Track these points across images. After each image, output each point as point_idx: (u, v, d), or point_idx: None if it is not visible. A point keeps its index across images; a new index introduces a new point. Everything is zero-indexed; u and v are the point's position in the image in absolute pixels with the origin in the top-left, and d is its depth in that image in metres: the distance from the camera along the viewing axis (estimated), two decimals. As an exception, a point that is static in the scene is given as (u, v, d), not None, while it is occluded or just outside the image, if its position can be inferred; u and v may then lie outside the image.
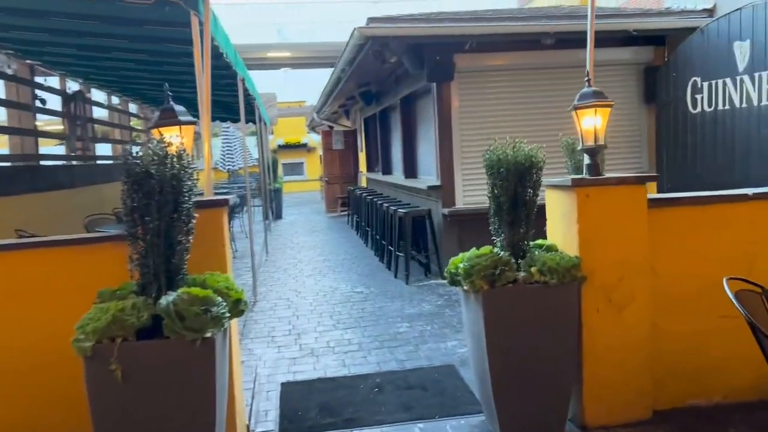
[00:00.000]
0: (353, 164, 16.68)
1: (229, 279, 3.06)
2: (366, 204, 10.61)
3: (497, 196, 3.46)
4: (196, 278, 2.95)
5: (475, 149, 7.44)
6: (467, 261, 3.40)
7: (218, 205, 3.24)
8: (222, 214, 3.27)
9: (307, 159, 31.03)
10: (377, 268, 8.51)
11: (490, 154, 3.49)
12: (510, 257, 3.37)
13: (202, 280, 2.95)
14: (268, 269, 9.01)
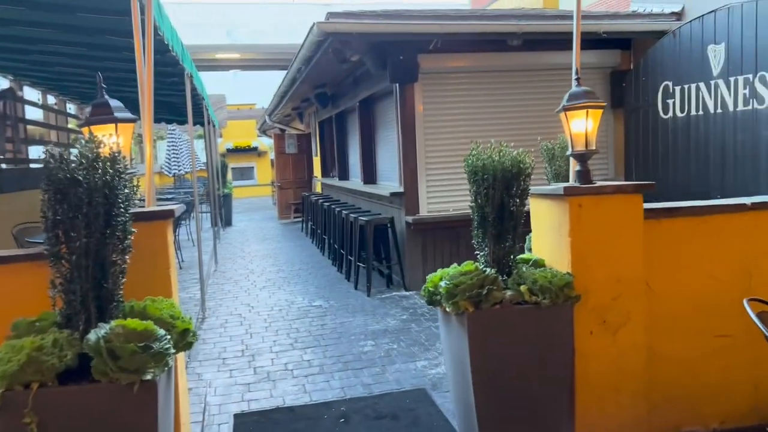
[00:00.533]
0: (307, 169, 16.17)
1: (174, 305, 2.59)
2: (323, 211, 10.15)
3: (481, 206, 3.10)
4: (134, 306, 2.47)
5: (439, 154, 7.12)
6: (450, 279, 3.02)
7: (161, 217, 2.75)
8: (166, 227, 2.79)
9: (258, 163, 30.26)
10: (336, 279, 8.07)
11: (473, 159, 3.13)
12: (497, 275, 3.00)
13: (142, 307, 2.47)
14: (217, 281, 8.44)
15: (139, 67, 3.31)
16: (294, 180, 16.04)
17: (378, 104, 8.83)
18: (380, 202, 8.13)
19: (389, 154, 8.42)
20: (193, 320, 5.26)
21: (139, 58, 3.31)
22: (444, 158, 7.12)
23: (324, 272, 8.63)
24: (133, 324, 2.23)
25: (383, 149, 8.82)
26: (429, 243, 7.10)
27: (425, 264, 7.11)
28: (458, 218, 7.07)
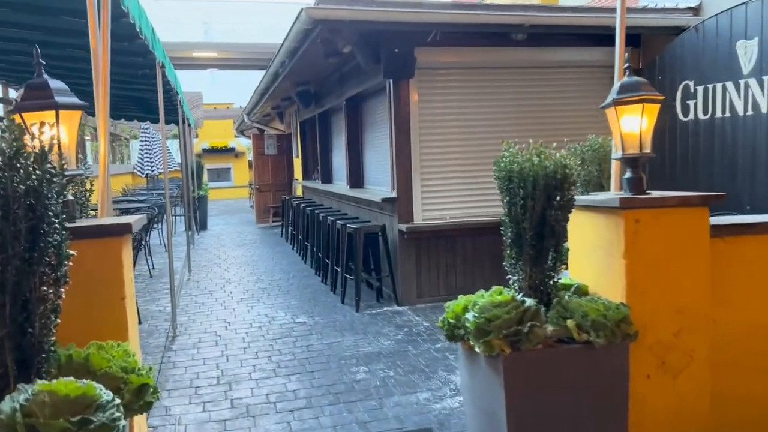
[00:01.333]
0: (287, 171, 15.49)
1: (129, 353, 1.95)
2: (305, 216, 9.50)
3: (517, 219, 2.52)
4: (73, 355, 1.84)
5: (436, 158, 6.54)
6: (480, 312, 2.43)
7: (115, 233, 2.12)
8: (121, 246, 2.15)
9: (235, 164, 29.42)
10: (320, 291, 7.43)
11: (506, 163, 2.54)
12: (538, 307, 2.42)
13: (84, 357, 1.83)
14: (190, 291, 7.74)
15: (93, 39, 2.66)
16: (273, 182, 15.34)
17: (367, 103, 8.23)
18: (369, 208, 7.53)
19: (379, 157, 7.83)
20: (163, 339, 4.57)
21: (92, 29, 2.66)
22: (441, 162, 6.55)
23: (307, 283, 7.98)
24: (66, 388, 1.59)
25: (372, 151, 8.22)
26: (423, 253, 6.52)
27: (419, 276, 6.52)
28: (455, 227, 6.50)
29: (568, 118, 6.80)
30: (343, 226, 6.80)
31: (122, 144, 24.78)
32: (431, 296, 6.56)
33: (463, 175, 6.62)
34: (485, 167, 6.73)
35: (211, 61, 26.48)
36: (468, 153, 6.62)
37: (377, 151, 7.90)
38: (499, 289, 2.64)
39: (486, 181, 6.65)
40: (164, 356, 5.11)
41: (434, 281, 6.57)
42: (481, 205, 6.68)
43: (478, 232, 6.63)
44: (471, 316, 2.44)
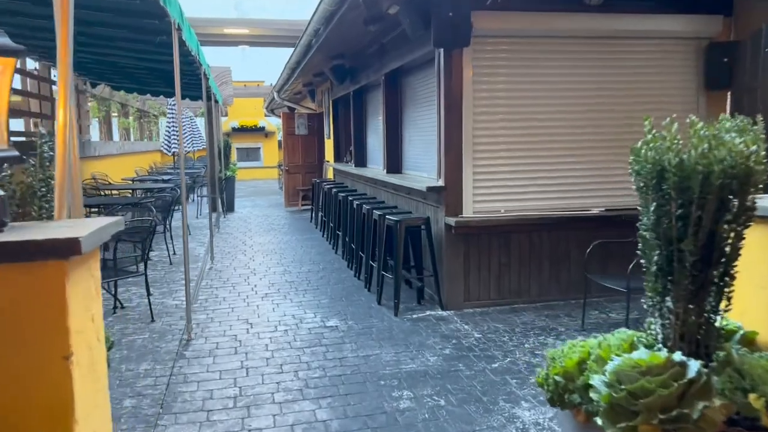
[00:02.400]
0: (318, 152, 14.72)
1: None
2: (337, 202, 8.73)
3: (670, 238, 1.67)
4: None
5: (492, 141, 5.68)
6: (616, 378, 1.59)
7: (54, 253, 1.33)
8: (65, 273, 1.36)
9: (265, 144, 28.79)
10: (353, 288, 6.67)
11: (654, 151, 1.69)
12: (708, 376, 1.58)
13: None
14: (211, 283, 7.05)
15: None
16: (303, 164, 14.60)
17: (410, 77, 7.37)
18: (409, 196, 6.70)
19: (422, 139, 6.98)
20: (176, 343, 3.83)
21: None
22: (497, 146, 5.68)
23: (338, 277, 7.23)
24: None
25: (413, 133, 7.38)
26: (473, 251, 5.69)
27: (467, 277, 5.70)
28: (511, 221, 5.65)
29: (649, 97, 5.88)
30: (382, 217, 5.99)
31: (151, 121, 24.29)
32: (480, 300, 5.74)
33: (523, 162, 5.75)
34: (549, 153, 5.84)
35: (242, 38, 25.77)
36: (530, 136, 5.74)
37: (420, 133, 7.06)
38: (630, 337, 1.81)
39: (550, 170, 5.77)
40: (175, 366, 4.40)
41: (484, 283, 5.74)
42: (543, 197, 5.81)
43: (536, 228, 5.77)
44: (600, 383, 1.62)
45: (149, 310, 5.66)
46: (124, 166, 16.20)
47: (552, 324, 5.24)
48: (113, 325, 5.37)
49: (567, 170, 5.87)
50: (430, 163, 6.59)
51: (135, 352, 4.69)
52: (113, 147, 16.05)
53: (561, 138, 5.82)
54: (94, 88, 13.79)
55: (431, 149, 6.46)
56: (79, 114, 13.35)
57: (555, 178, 5.84)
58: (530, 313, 5.58)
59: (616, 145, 5.92)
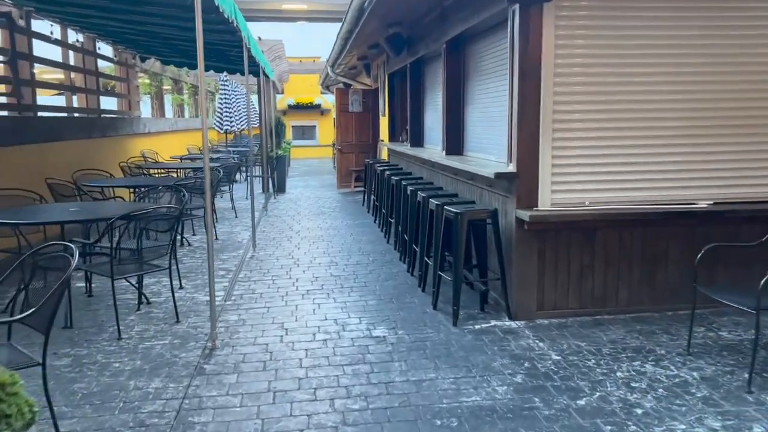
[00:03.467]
0: (372, 131, 13.89)
1: None
2: (389, 186, 7.89)
3: None
4: None
5: (576, 117, 4.69)
6: None
7: None
8: None
9: (320, 122, 28.20)
10: (405, 287, 5.84)
11: None
12: None
13: None
14: (250, 275, 6.37)
15: None
16: (357, 143, 13.81)
17: (475, 45, 6.41)
18: (472, 183, 5.79)
19: (488, 116, 6.04)
20: (198, 352, 3.20)
21: None
22: (582, 123, 4.69)
23: (389, 272, 6.41)
24: None
25: (477, 109, 6.43)
26: (549, 250, 4.75)
27: (541, 281, 4.78)
28: (597, 216, 4.67)
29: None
30: (440, 207, 5.12)
31: (207, 97, 24.01)
32: (557, 309, 4.81)
33: (614, 144, 4.74)
34: (646, 134, 4.79)
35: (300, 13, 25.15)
36: (622, 113, 4.72)
37: (486, 110, 6.11)
38: None
39: (647, 154, 4.75)
40: (191, 385, 3.70)
41: (562, 289, 4.80)
42: (636, 186, 4.80)
43: (627, 225, 4.78)
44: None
45: (174, 309, 5.01)
46: (176, 144, 15.85)
47: (648, 344, 4.27)
48: (133, 326, 4.75)
49: (667, 154, 4.82)
50: (497, 145, 5.65)
51: (150, 363, 4.03)
52: (165, 124, 15.71)
53: (661, 115, 4.77)
54: (143, 62, 13.39)
55: (499, 128, 5.52)
56: (128, 89, 12.98)
57: (652, 164, 4.80)
58: (618, 327, 4.61)
59: (729, 125, 4.83)
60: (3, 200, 5.70)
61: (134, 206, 5.48)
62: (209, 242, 4.34)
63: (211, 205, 5.74)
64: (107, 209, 5.19)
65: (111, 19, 8.03)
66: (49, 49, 9.28)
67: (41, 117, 8.34)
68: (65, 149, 8.60)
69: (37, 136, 7.92)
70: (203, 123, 4.32)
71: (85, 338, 4.51)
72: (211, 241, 4.34)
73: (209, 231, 4.38)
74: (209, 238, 4.34)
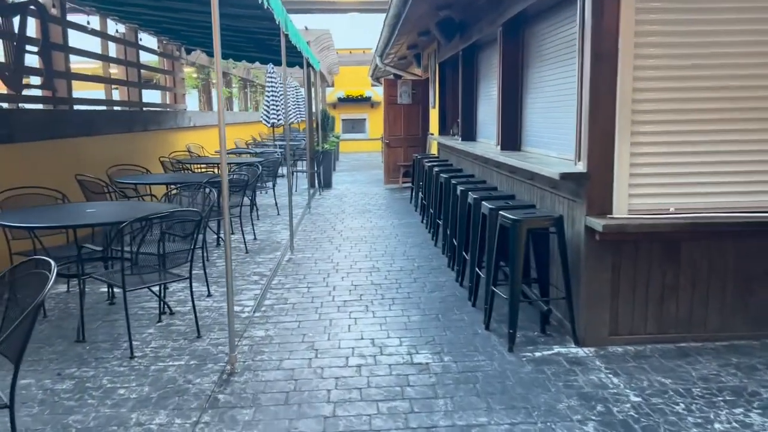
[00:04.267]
0: (421, 124, 13.22)
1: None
2: (438, 185, 7.23)
3: None
4: None
5: (662, 108, 3.93)
6: None
7: None
8: None
9: (370, 115, 27.65)
10: (453, 299, 5.20)
11: None
12: None
13: None
14: (284, 282, 5.85)
15: None
16: (405, 137, 13.17)
17: (536, 26, 5.68)
18: (532, 183, 5.08)
19: (550, 106, 5.31)
20: (215, 377, 2.60)
21: None
22: (669, 114, 3.93)
23: (436, 281, 5.78)
24: None
25: (538, 98, 5.70)
26: (626, 265, 4.01)
27: (615, 301, 4.04)
28: (683, 225, 3.91)
29: None
30: (494, 212, 4.44)
31: (256, 91, 23.81)
32: (633, 334, 4.08)
33: (708, 140, 3.96)
34: (748, 127, 3.99)
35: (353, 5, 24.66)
36: (719, 102, 3.93)
37: (548, 100, 5.38)
38: None
39: (748, 151, 3.94)
40: (200, 422, 3.17)
41: (639, 310, 4.06)
42: (733, 190, 4.01)
43: (720, 236, 3.99)
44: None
45: (195, 323, 4.52)
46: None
47: (749, 383, 3.50)
48: (150, 342, 4.28)
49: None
50: (560, 140, 4.93)
51: (158, 390, 3.53)
52: (212, 117, 15.46)
53: (765, 105, 3.95)
54: (188, 54, 13.12)
55: (564, 121, 4.80)
56: (173, 82, 12.73)
57: (752, 163, 3.99)
58: (709, 359, 3.84)
59: None
60: (25, 199, 5.35)
61: (157, 207, 5.03)
62: (227, 256, 3.81)
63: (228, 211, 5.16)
64: (124, 211, 4.74)
65: (145, 7, 7.66)
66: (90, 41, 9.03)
67: (77, 110, 8.06)
68: (103, 144, 8.31)
69: (73, 130, 7.63)
70: (220, 119, 3.78)
71: (95, 356, 4.06)
72: (229, 258, 3.80)
73: (227, 243, 3.83)
74: (227, 251, 3.80)
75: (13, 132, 6.31)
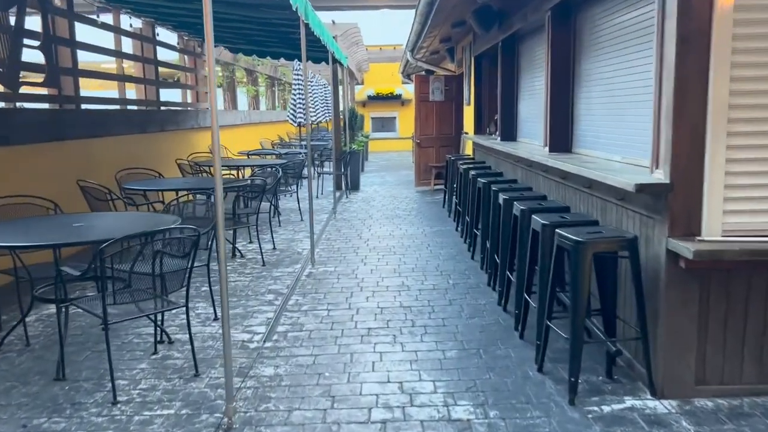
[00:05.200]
0: (455, 123, 12.42)
1: None
2: (476, 190, 6.46)
3: None
4: None
5: None
6: None
7: None
8: None
9: (401, 113, 26.91)
10: (495, 328, 4.44)
11: None
12: None
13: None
14: (301, 302, 5.17)
15: None
16: (437, 136, 12.40)
17: (591, 8, 4.87)
18: (589, 192, 4.28)
19: (610, 102, 4.50)
20: None
21: None
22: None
23: (474, 303, 5.03)
24: None
25: (595, 92, 4.90)
26: (717, 300, 3.21)
27: (703, 344, 3.24)
28: (799, 252, 3.06)
29: None
30: (548, 229, 3.67)
31: (285, 89, 23.25)
32: (726, 384, 3.27)
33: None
34: None
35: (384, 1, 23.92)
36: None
37: (608, 94, 4.57)
38: None
39: None
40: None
41: (733, 355, 3.25)
42: None
43: (843, 264, 3.15)
44: None
45: (193, 357, 3.85)
46: (250, 137, 15.05)
47: None
48: (139, 381, 3.64)
49: None
50: (627, 141, 4.13)
51: (138, 453, 2.87)
52: (236, 117, 14.92)
53: None
54: (211, 51, 12.56)
55: (632, 118, 4.00)
56: (195, 79, 12.19)
57: None
58: (829, 421, 3.02)
59: None
60: (13, 210, 4.78)
61: (159, 219, 4.39)
62: (222, 287, 3.12)
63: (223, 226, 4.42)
64: (117, 225, 4.11)
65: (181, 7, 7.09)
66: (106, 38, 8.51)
67: (85, 110, 7.52)
68: (114, 146, 7.77)
69: (80, 131, 7.09)
70: (213, 118, 3.10)
71: (72, 399, 3.43)
72: (224, 289, 3.11)
73: (222, 271, 3.14)
74: (221, 278, 3.12)
75: (9, 133, 5.76)
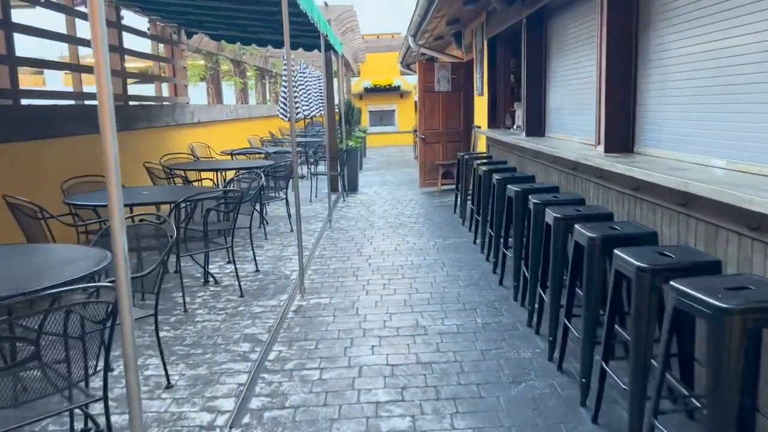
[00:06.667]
0: (464, 115, 11.13)
1: None
2: (501, 197, 5.18)
3: None
4: None
5: None
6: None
7: None
8: None
9: (400, 106, 25.60)
10: (554, 401, 3.20)
11: None
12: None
13: None
14: (286, 356, 3.92)
15: None
16: (444, 131, 11.11)
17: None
18: (687, 211, 3.02)
19: (698, 88, 3.24)
20: None
21: None
22: None
23: (515, 357, 3.77)
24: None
25: (672, 73, 3.63)
26: None
27: None
28: None
29: None
30: (650, 276, 2.42)
31: (276, 82, 21.91)
32: None
33: None
34: None
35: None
36: None
37: (696, 77, 3.31)
38: None
39: None
40: None
41: None
42: None
43: None
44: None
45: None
46: (237, 134, 13.74)
47: None
48: None
49: None
50: (732, 139, 2.88)
51: None
52: (221, 112, 13.59)
53: None
54: (189, 38, 11.27)
55: (743, 109, 2.75)
56: (173, 71, 10.91)
57: None
58: None
59: None
60: None
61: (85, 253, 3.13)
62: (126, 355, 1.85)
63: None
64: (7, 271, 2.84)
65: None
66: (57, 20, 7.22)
67: (26, 106, 6.23)
68: (64, 149, 6.47)
69: (17, 131, 5.80)
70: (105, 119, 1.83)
71: None
72: (131, 363, 1.86)
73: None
74: (125, 348, 1.86)
75: None
